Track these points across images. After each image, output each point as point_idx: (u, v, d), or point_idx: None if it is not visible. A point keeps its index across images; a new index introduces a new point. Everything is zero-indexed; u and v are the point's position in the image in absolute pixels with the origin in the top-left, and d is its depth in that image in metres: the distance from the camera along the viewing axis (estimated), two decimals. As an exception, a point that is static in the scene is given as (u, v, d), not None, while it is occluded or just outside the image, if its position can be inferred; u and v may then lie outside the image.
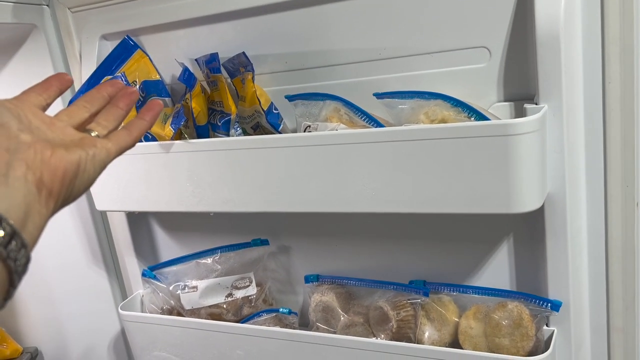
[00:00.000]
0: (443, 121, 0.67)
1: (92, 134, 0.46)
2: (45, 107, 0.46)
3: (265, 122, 0.79)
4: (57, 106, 0.49)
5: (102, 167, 0.45)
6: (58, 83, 0.47)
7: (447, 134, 0.63)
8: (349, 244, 0.92)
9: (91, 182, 0.44)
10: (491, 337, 0.75)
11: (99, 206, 0.94)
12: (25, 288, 1.12)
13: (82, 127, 0.47)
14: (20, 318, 1.15)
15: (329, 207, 0.75)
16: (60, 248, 1.11)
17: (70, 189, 0.41)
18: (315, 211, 0.76)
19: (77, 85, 1.02)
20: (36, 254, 1.14)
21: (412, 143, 0.65)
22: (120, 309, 1.00)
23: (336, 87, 0.81)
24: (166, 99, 0.92)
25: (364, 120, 0.73)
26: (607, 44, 0.68)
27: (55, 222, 1.11)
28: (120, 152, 0.48)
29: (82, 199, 1.09)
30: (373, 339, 0.81)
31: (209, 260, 0.97)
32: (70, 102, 0.91)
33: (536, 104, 0.69)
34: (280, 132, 0.80)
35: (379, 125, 0.73)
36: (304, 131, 0.76)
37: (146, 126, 0.51)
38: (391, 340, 0.81)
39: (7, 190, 0.35)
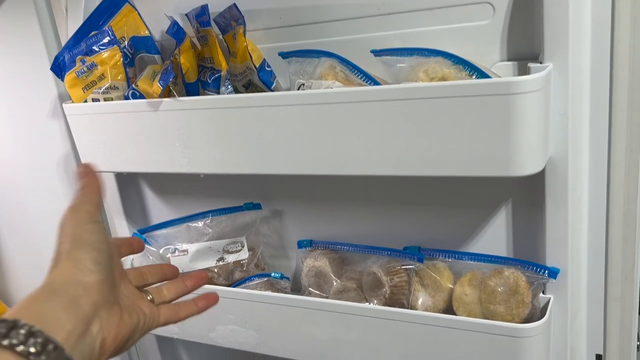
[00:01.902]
0: (443, 79, 0.64)
1: (148, 297, 0.48)
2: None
3: (258, 80, 0.76)
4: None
5: (145, 334, 0.45)
6: (138, 245, 0.52)
7: (447, 93, 0.60)
8: (343, 208, 0.89)
9: (132, 344, 0.44)
10: (486, 304, 0.74)
11: (87, 166, 0.91)
12: (14, 251, 1.11)
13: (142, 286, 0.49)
14: (9, 280, 1.14)
15: (322, 170, 0.73)
16: (49, 211, 1.08)
17: (118, 348, 0.42)
18: (309, 173, 0.73)
19: (64, 41, 0.98)
20: (26, 217, 1.13)
21: (410, 102, 0.62)
22: (110, 272, 0.98)
23: (332, 45, 0.78)
24: (155, 56, 0.89)
25: (361, 78, 0.69)
26: (617, 1, 0.64)
27: (43, 184, 1.09)
28: (163, 326, 0.48)
29: (70, 160, 1.06)
30: (366, 304, 0.79)
31: (200, 224, 0.95)
32: (57, 57, 0.88)
33: (540, 63, 0.66)
34: (273, 91, 0.76)
35: (376, 83, 0.70)
36: (298, 89, 0.73)
37: (195, 313, 0.52)
38: (384, 306, 0.80)
39: (81, 345, 0.36)
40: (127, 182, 1.02)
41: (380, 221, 0.87)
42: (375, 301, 0.81)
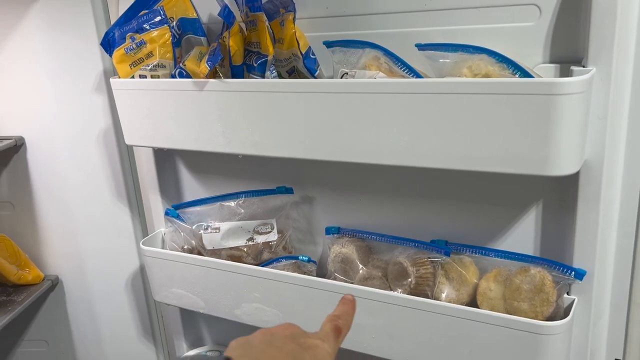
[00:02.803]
0: (487, 76, 0.65)
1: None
2: None
3: (302, 66, 0.78)
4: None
5: None
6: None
7: (491, 89, 0.62)
8: (373, 198, 0.91)
9: None
10: (510, 300, 0.75)
11: (128, 140, 0.95)
12: (50, 218, 1.15)
13: None
14: (44, 247, 1.18)
15: (360, 158, 0.75)
16: (86, 182, 1.12)
17: None
18: (346, 160, 0.75)
19: (113, 18, 1.01)
20: (63, 185, 1.17)
21: (453, 96, 0.64)
22: (142, 244, 1.02)
23: (376, 37, 0.79)
24: (202, 38, 0.91)
25: (404, 70, 0.71)
26: (665, 11, 0.65)
27: (83, 156, 1.13)
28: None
29: (110, 135, 1.10)
30: (391, 292, 0.81)
31: (232, 204, 0.97)
32: (107, 33, 0.91)
33: (583, 67, 0.67)
34: (316, 78, 0.79)
35: (419, 76, 0.71)
36: (341, 78, 0.75)
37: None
38: (409, 294, 0.82)
39: None
40: (164, 159, 1.05)
41: (409, 213, 0.89)
42: (400, 290, 0.83)
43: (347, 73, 0.74)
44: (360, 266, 0.88)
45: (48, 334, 1.24)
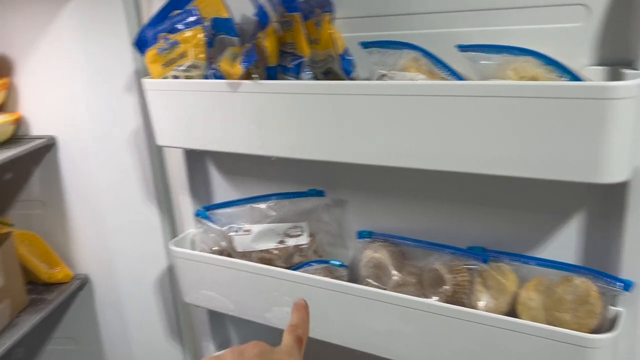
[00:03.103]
0: (533, 79, 0.63)
1: None
2: None
3: (338, 68, 0.77)
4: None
5: None
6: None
7: (540, 93, 0.60)
8: (406, 202, 0.89)
9: None
10: (552, 310, 0.73)
11: (160, 141, 0.94)
12: (80, 217, 1.15)
13: None
14: (74, 246, 1.18)
15: (396, 162, 0.73)
16: (116, 181, 1.13)
17: None
18: (383, 165, 0.74)
19: (144, 18, 1.01)
20: (93, 185, 1.17)
21: (499, 99, 0.62)
22: (172, 245, 1.01)
23: (413, 37, 0.77)
24: (234, 38, 0.90)
25: (445, 72, 0.69)
26: None
27: (113, 156, 1.13)
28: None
29: (140, 135, 1.10)
30: (427, 300, 0.79)
31: (263, 206, 0.96)
32: (140, 33, 0.90)
33: (635, 70, 0.64)
34: (352, 79, 0.77)
35: (460, 79, 0.69)
36: (379, 80, 0.73)
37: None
38: (445, 302, 0.80)
39: None
40: (194, 160, 1.05)
41: (444, 218, 0.87)
42: (436, 298, 0.81)
43: (385, 75, 0.73)
44: (394, 272, 0.86)
45: (76, 332, 1.24)
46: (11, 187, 1.17)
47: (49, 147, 1.11)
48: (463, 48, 0.70)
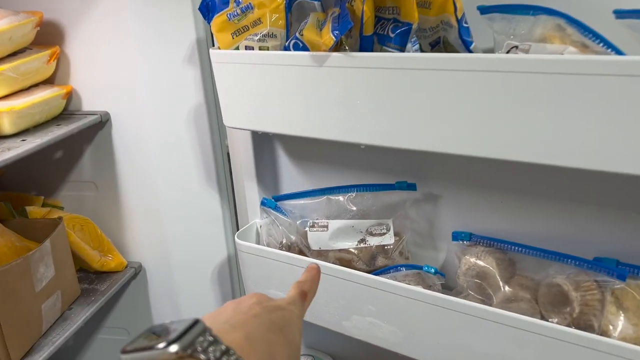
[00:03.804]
0: None
1: None
2: None
3: (455, 38, 0.62)
4: None
5: None
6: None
7: None
8: (517, 200, 0.76)
9: None
10: None
11: (227, 122, 0.82)
12: (134, 201, 1.05)
13: None
14: (127, 232, 1.09)
15: (525, 156, 0.59)
16: (174, 163, 1.02)
17: None
18: (507, 159, 0.60)
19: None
20: (149, 166, 1.04)
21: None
22: (237, 237, 0.90)
23: (545, 0, 0.62)
24: (316, 2, 0.77)
25: (599, 44, 0.54)
26: None
27: (171, 135, 1.01)
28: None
29: (202, 111, 0.98)
30: (548, 323, 0.66)
31: (341, 198, 0.84)
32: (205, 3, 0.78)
33: None
34: (471, 52, 0.63)
35: (619, 53, 0.54)
36: (508, 52, 0.59)
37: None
38: (567, 326, 0.66)
39: None
40: (262, 141, 0.93)
41: (564, 222, 0.73)
42: (557, 319, 0.67)
43: (516, 47, 0.58)
44: (502, 284, 0.73)
45: (129, 322, 1.16)
46: (61, 167, 1.08)
47: (102, 124, 1.01)
48: (621, 14, 0.55)
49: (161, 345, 0.30)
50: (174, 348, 0.30)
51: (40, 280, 0.87)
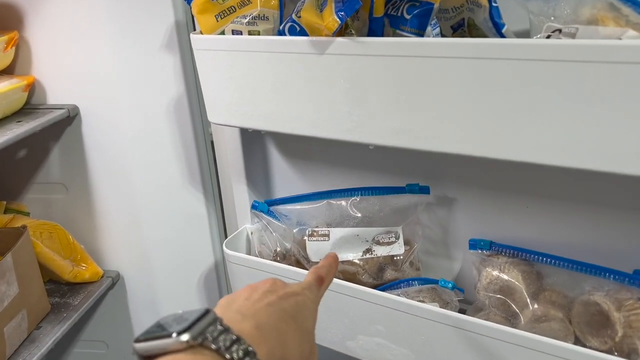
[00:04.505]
0: None
1: None
2: None
3: (483, 20, 0.52)
4: None
5: None
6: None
7: None
8: (545, 205, 0.67)
9: None
10: None
11: (213, 118, 0.72)
12: (109, 204, 0.95)
13: None
14: (102, 239, 0.99)
15: (564, 161, 0.50)
16: (152, 161, 0.92)
17: None
18: (548, 164, 0.51)
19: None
20: (124, 165, 0.93)
21: None
22: (225, 246, 0.81)
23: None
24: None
25: (664, 29, 0.45)
26: None
27: (149, 131, 0.89)
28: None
29: (183, 104, 0.88)
30: (587, 349, 0.57)
31: (343, 203, 0.74)
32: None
33: None
34: (503, 36, 0.53)
35: (688, 38, 0.45)
36: (549, 37, 0.49)
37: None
38: (607, 350, 0.58)
39: None
40: (252, 141, 0.83)
41: (598, 230, 0.65)
42: (596, 343, 0.59)
43: (559, 30, 0.49)
44: (530, 301, 0.64)
45: (108, 335, 1.06)
46: (26, 168, 0.96)
47: (70, 119, 0.90)
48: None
49: (172, 334, 0.31)
50: (185, 337, 0.31)
51: (1, 300, 0.76)
